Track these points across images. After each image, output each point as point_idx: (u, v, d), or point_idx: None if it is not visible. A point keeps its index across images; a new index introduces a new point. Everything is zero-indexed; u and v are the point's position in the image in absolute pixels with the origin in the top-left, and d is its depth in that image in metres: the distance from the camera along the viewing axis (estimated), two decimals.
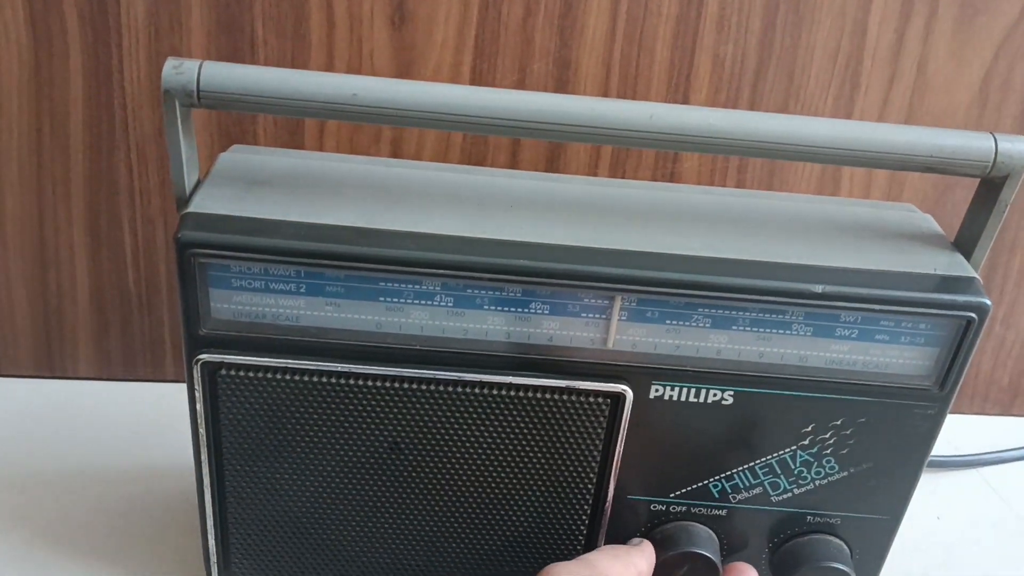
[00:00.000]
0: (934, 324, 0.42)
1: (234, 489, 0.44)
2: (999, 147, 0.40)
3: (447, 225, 0.41)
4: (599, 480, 0.45)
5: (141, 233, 0.61)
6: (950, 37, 0.58)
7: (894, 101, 0.60)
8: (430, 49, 0.56)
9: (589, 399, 0.42)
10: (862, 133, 0.40)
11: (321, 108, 0.39)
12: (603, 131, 0.39)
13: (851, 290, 0.40)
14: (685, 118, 0.39)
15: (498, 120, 0.39)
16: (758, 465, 0.45)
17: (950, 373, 0.42)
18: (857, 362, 0.42)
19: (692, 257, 0.41)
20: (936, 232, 0.45)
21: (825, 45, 0.58)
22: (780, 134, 0.40)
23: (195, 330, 0.40)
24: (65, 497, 0.55)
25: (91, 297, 0.62)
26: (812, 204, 0.47)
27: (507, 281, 0.40)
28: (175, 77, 0.38)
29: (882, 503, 0.46)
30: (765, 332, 0.42)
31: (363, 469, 0.44)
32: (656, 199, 0.45)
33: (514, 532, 0.46)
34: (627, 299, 0.41)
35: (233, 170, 0.43)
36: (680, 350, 0.42)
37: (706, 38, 0.57)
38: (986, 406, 0.71)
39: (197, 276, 0.39)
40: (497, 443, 0.43)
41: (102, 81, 0.56)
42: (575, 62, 0.57)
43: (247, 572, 0.47)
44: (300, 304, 0.41)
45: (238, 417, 0.42)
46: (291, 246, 0.39)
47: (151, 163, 0.58)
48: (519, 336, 0.41)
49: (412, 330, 0.41)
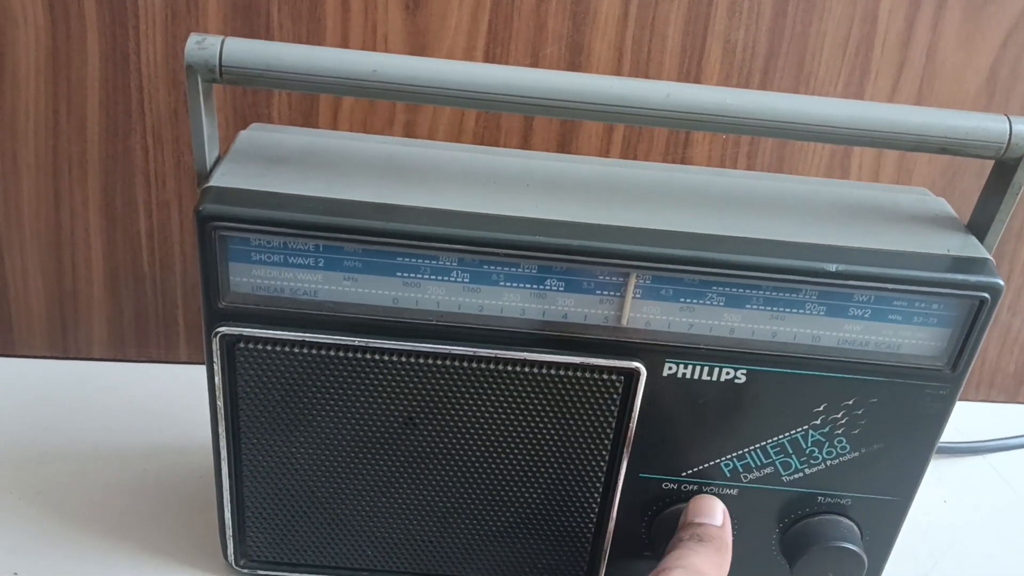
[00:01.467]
0: (947, 304, 0.42)
1: (250, 463, 0.45)
2: (1013, 129, 0.40)
3: (463, 202, 0.41)
4: (612, 457, 0.45)
5: (156, 215, 0.61)
6: (959, 25, 0.58)
7: (903, 88, 0.60)
8: (444, 33, 0.57)
9: (603, 376, 0.43)
10: (877, 113, 0.40)
11: (341, 84, 0.39)
12: (620, 109, 0.39)
13: (864, 269, 0.41)
14: (702, 96, 0.39)
15: (516, 97, 0.39)
16: (770, 444, 0.45)
17: (962, 354, 0.42)
18: (870, 342, 0.43)
19: (706, 235, 0.41)
20: (949, 214, 0.45)
21: (836, 32, 0.58)
22: (795, 113, 0.40)
23: (214, 303, 0.41)
24: (80, 475, 0.55)
25: (106, 279, 0.63)
26: (825, 186, 0.47)
27: (522, 257, 0.40)
28: (198, 52, 0.38)
29: (893, 484, 0.46)
30: (778, 311, 0.42)
31: (378, 444, 0.44)
32: (669, 179, 0.45)
33: (526, 508, 0.46)
34: (641, 276, 0.41)
35: (252, 147, 0.43)
36: (694, 328, 0.42)
37: (718, 24, 0.57)
38: (992, 393, 0.71)
39: (217, 249, 0.40)
40: (511, 419, 0.43)
41: (119, 63, 0.56)
42: (587, 47, 0.57)
43: (262, 546, 0.47)
44: (318, 278, 0.41)
45: (256, 390, 0.42)
46: (310, 220, 0.39)
47: (166, 145, 0.59)
48: (534, 312, 0.42)
49: (428, 305, 0.42)
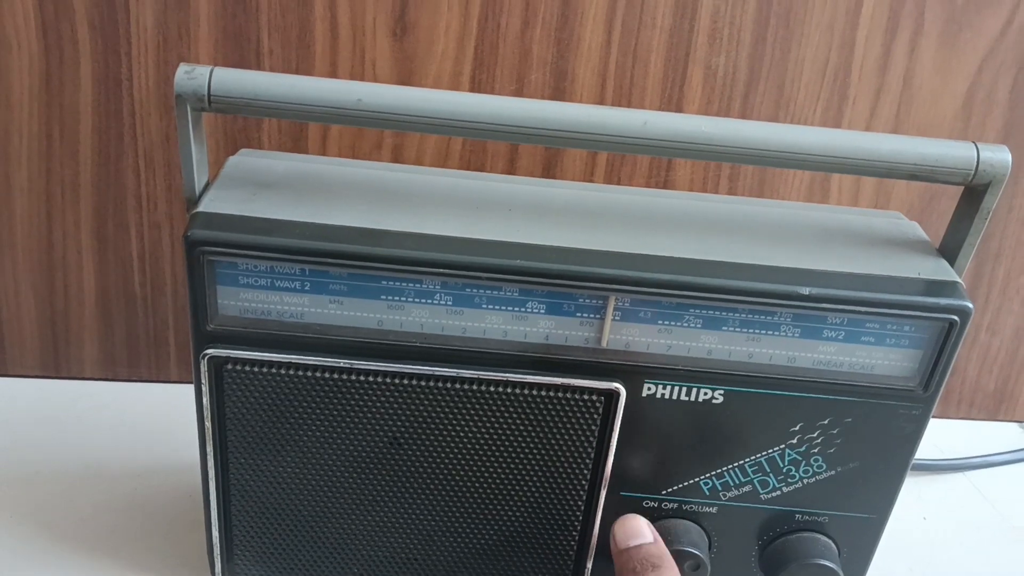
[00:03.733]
0: (918, 326, 0.43)
1: (238, 483, 0.45)
2: (981, 156, 0.42)
3: (447, 226, 0.42)
4: (593, 476, 0.46)
5: (147, 237, 0.62)
6: (935, 51, 0.60)
7: (881, 113, 0.61)
8: (430, 59, 0.58)
9: (583, 396, 0.43)
10: (850, 141, 0.41)
11: (327, 113, 0.40)
12: (599, 137, 0.41)
13: (838, 292, 0.42)
14: (679, 125, 0.41)
15: (499, 126, 0.40)
16: (748, 463, 0.46)
17: (934, 374, 0.43)
18: (844, 363, 0.44)
19: (684, 259, 0.42)
20: (921, 238, 0.46)
21: (814, 58, 0.59)
22: (771, 141, 0.41)
23: (203, 326, 0.42)
24: (70, 494, 0.56)
25: (97, 299, 0.64)
26: (801, 211, 0.48)
27: (504, 281, 0.41)
28: (187, 82, 0.39)
29: (869, 502, 0.47)
30: (754, 333, 0.43)
31: (363, 463, 0.45)
32: (650, 204, 0.47)
33: (510, 527, 0.47)
34: (621, 299, 0.42)
35: (241, 172, 0.44)
36: (672, 350, 0.43)
37: (699, 50, 0.58)
38: (972, 411, 0.72)
39: (205, 273, 0.41)
40: (494, 439, 0.44)
41: (111, 88, 0.57)
42: (571, 73, 0.59)
43: (249, 565, 0.48)
44: (304, 301, 0.42)
45: (243, 411, 0.43)
46: (297, 245, 0.40)
47: (158, 169, 0.60)
48: (516, 335, 0.43)
49: (412, 328, 0.42)
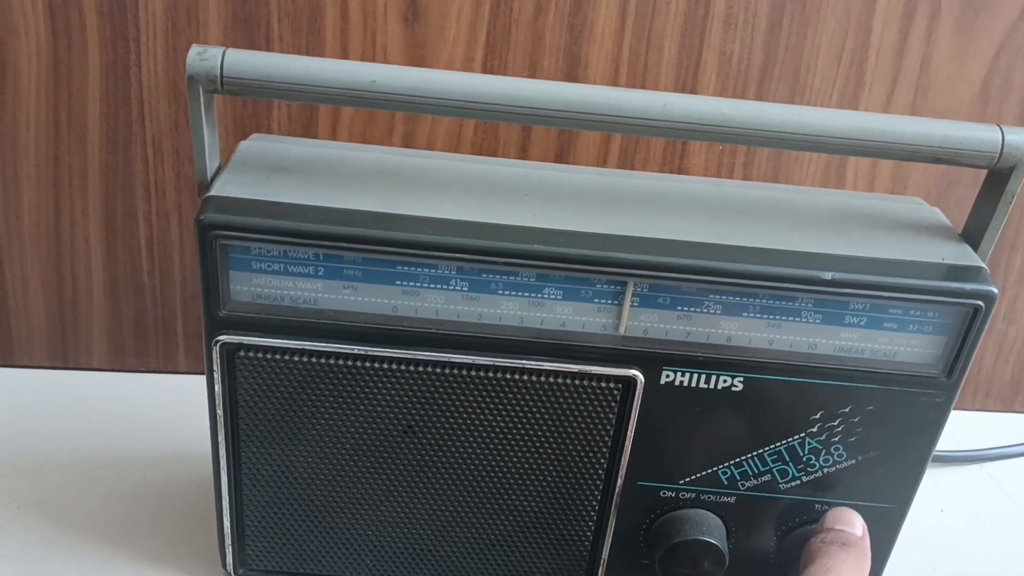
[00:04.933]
0: (942, 312, 0.42)
1: (250, 471, 0.45)
2: (1006, 138, 0.41)
3: (462, 211, 0.41)
4: (610, 465, 0.45)
5: (156, 226, 0.61)
6: (952, 37, 0.59)
7: (897, 99, 0.60)
8: (442, 45, 0.57)
9: (601, 384, 0.43)
10: (874, 124, 0.41)
11: (340, 95, 0.39)
12: (618, 119, 0.40)
13: (860, 277, 0.41)
14: (699, 107, 0.40)
15: (515, 107, 0.40)
16: (767, 452, 0.45)
17: (957, 361, 0.43)
18: (866, 350, 0.43)
19: (703, 244, 0.41)
20: (943, 223, 0.46)
21: (830, 44, 0.59)
22: (793, 123, 0.40)
23: (215, 312, 0.41)
24: (79, 484, 0.55)
25: (105, 289, 0.63)
26: (821, 196, 0.47)
27: (521, 266, 0.41)
28: (199, 63, 0.39)
29: (889, 491, 0.46)
30: (775, 319, 0.42)
31: (377, 452, 0.44)
32: (666, 189, 0.46)
33: (524, 516, 0.46)
34: (639, 285, 0.41)
35: (253, 157, 0.44)
36: (691, 336, 0.43)
37: (713, 36, 0.58)
38: (988, 402, 0.71)
39: (218, 258, 0.40)
40: (509, 427, 0.44)
41: (119, 75, 0.57)
42: (584, 58, 0.58)
43: (261, 554, 0.48)
44: (318, 287, 0.41)
45: (255, 398, 0.43)
46: (310, 229, 0.39)
47: (166, 157, 0.59)
48: (532, 321, 0.42)
49: (427, 314, 0.42)
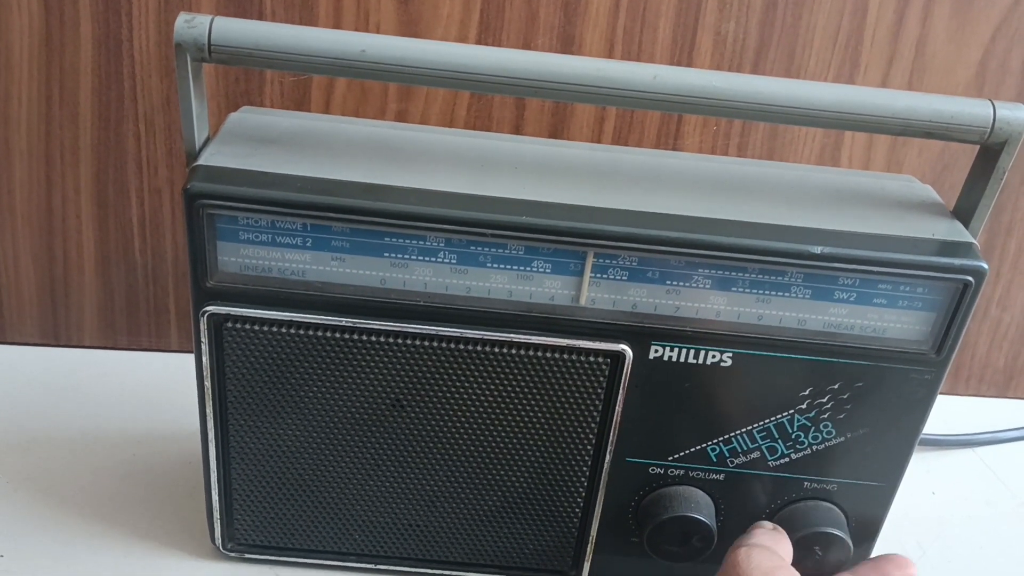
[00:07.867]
0: (932, 288, 0.42)
1: (238, 445, 0.45)
2: (997, 113, 0.41)
3: (452, 183, 0.41)
4: (598, 441, 0.45)
5: (148, 203, 0.61)
6: (949, 18, 0.59)
7: (893, 81, 0.60)
8: (436, 22, 0.57)
9: (589, 358, 0.43)
10: (865, 97, 0.41)
11: (330, 64, 0.39)
12: (608, 91, 0.40)
13: (850, 252, 0.41)
14: (689, 79, 0.40)
15: (506, 78, 0.39)
16: (756, 429, 0.45)
17: (947, 338, 0.43)
18: (855, 325, 0.43)
19: (693, 218, 0.41)
20: (935, 200, 0.46)
21: (826, 24, 0.58)
22: (783, 96, 0.40)
23: (202, 282, 0.41)
24: (69, 460, 0.55)
25: (97, 266, 0.63)
26: (813, 172, 0.47)
27: (509, 238, 0.40)
28: (187, 31, 0.38)
29: (878, 469, 0.46)
30: (764, 294, 0.42)
31: (365, 426, 0.44)
32: (659, 164, 0.46)
33: (513, 491, 0.46)
34: (627, 258, 0.41)
35: (242, 128, 0.44)
36: (680, 311, 0.42)
37: (708, 15, 0.58)
38: (982, 388, 0.71)
39: (205, 228, 0.40)
40: (498, 401, 0.44)
41: (111, 50, 0.57)
42: (579, 38, 0.58)
43: (249, 530, 0.48)
44: (306, 258, 0.41)
45: (243, 370, 0.43)
46: (298, 199, 0.39)
47: (159, 133, 0.59)
48: (521, 294, 0.42)
49: (416, 286, 0.42)
